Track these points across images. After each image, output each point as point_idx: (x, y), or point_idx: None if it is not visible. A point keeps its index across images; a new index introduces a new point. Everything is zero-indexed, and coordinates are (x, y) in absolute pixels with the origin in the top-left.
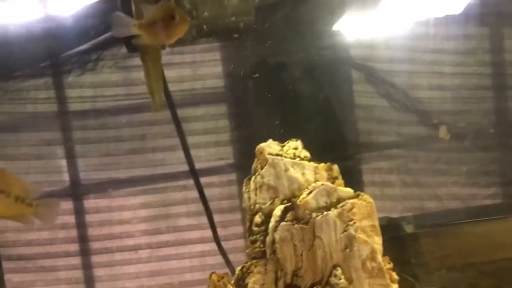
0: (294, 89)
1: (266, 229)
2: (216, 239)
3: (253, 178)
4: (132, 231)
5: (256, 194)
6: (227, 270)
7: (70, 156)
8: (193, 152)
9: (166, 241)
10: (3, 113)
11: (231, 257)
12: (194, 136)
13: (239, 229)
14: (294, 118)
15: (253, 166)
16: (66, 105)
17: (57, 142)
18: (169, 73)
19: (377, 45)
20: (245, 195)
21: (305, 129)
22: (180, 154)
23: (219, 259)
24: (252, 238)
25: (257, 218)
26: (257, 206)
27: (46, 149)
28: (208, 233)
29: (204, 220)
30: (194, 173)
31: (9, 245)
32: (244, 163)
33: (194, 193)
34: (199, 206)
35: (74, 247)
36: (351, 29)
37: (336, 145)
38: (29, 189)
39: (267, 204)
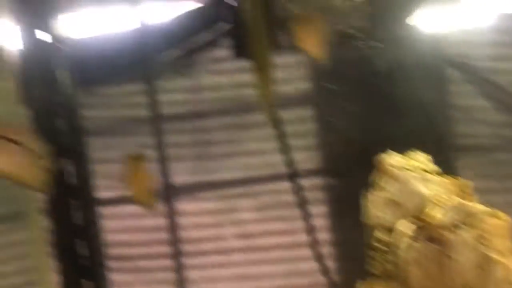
0: (385, 89)
1: (388, 245)
2: (314, 245)
3: (374, 191)
4: (224, 234)
5: (378, 209)
6: (319, 277)
7: (163, 159)
8: (276, 157)
9: (258, 245)
10: (101, 118)
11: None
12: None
13: (324, 236)
14: (386, 120)
15: (374, 178)
16: (160, 109)
17: (151, 146)
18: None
19: (472, 42)
20: (366, 209)
21: (397, 131)
22: (270, 157)
23: (311, 264)
24: (373, 254)
25: (379, 234)
26: (379, 221)
27: (143, 152)
28: (301, 238)
29: (296, 224)
30: (293, 177)
31: (111, 245)
32: (332, 167)
33: (286, 197)
34: (291, 211)
35: (167, 249)
36: (441, 26)
37: (430, 147)
38: None
39: (390, 220)
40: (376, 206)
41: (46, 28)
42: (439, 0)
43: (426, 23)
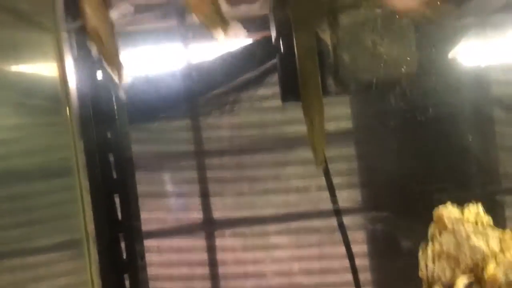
0: (428, 130)
1: None
2: (355, 285)
3: (430, 244)
4: (264, 271)
5: (434, 263)
6: None
7: (206, 194)
8: (318, 194)
9: (299, 284)
10: (150, 152)
11: None
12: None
13: (367, 276)
14: (430, 160)
15: (430, 231)
16: (204, 145)
17: (194, 181)
18: None
19: None
20: (422, 263)
21: (442, 172)
22: (312, 195)
23: None
24: None
25: None
26: (435, 276)
27: (185, 187)
28: (341, 278)
29: (337, 264)
30: (335, 215)
31: (154, 278)
32: (373, 206)
33: (327, 235)
34: (332, 249)
35: (207, 284)
36: (488, 62)
37: (475, 189)
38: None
39: (447, 275)
40: (431, 259)
41: (102, 66)
42: (484, 34)
43: (472, 59)
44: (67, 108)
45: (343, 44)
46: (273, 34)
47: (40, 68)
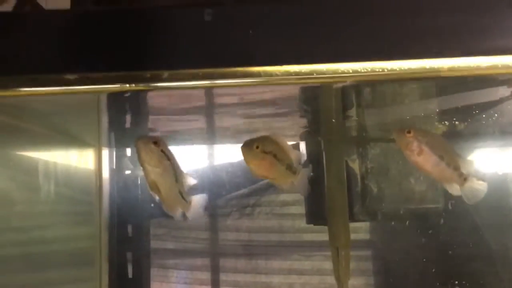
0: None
1: None
2: None
3: None
4: None
5: None
6: None
7: None
8: None
9: None
10: (167, 250)
11: None
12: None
13: None
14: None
15: None
16: (220, 247)
17: (207, 282)
18: None
19: None
20: None
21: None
22: None
23: None
24: None
25: None
26: None
27: None
28: None
29: None
30: None
31: None
32: None
33: None
34: None
35: None
36: None
37: None
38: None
39: None
40: None
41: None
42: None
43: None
44: (98, 199)
45: (372, 174)
46: (303, 157)
47: (75, 160)
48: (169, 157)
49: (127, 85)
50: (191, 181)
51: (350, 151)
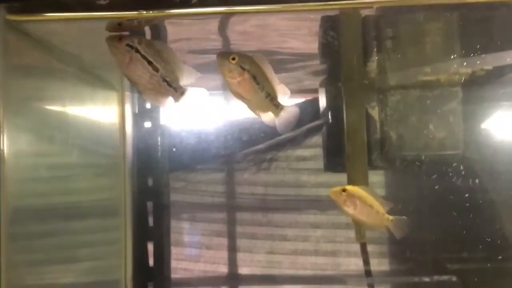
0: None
1: None
2: None
3: None
4: None
5: None
6: None
7: (234, 249)
8: (350, 260)
9: None
10: (184, 202)
11: None
12: (349, 243)
13: None
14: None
15: None
16: (237, 200)
17: (224, 235)
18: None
19: None
20: None
21: (477, 260)
22: (341, 260)
23: None
24: None
25: None
26: None
27: (215, 240)
28: None
29: None
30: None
31: None
32: (400, 276)
33: None
34: None
35: None
36: None
37: None
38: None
39: None
40: None
41: (153, 116)
42: None
43: None
44: (122, 152)
45: (391, 121)
46: (321, 101)
47: (100, 115)
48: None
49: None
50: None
51: (370, 98)
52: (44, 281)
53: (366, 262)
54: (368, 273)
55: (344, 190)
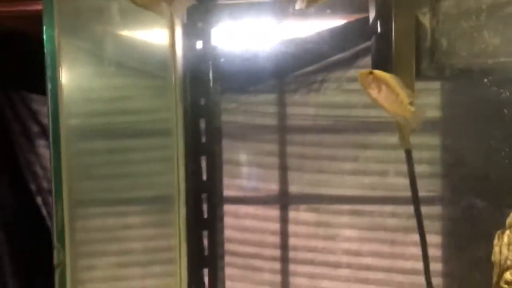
0: None
1: None
2: (427, 274)
3: (507, 232)
4: (334, 249)
5: (508, 250)
6: None
7: (284, 168)
8: (399, 180)
9: (366, 264)
10: (237, 123)
11: None
12: (399, 163)
13: (435, 266)
14: None
15: (509, 219)
16: (288, 121)
17: (275, 154)
18: None
19: None
20: (496, 248)
21: None
22: (390, 180)
23: None
24: None
25: (508, 276)
26: (508, 262)
27: (266, 159)
28: (415, 265)
29: (408, 251)
30: (411, 202)
31: (228, 240)
32: (452, 198)
33: (401, 222)
34: (405, 236)
35: (277, 252)
36: None
37: None
38: None
39: None
40: (506, 245)
41: (203, 37)
42: None
43: None
44: (173, 74)
45: (443, 28)
46: (371, 14)
47: (152, 36)
48: None
49: None
50: None
51: (421, 3)
52: (106, 195)
53: (411, 173)
54: (413, 183)
55: (371, 73)
